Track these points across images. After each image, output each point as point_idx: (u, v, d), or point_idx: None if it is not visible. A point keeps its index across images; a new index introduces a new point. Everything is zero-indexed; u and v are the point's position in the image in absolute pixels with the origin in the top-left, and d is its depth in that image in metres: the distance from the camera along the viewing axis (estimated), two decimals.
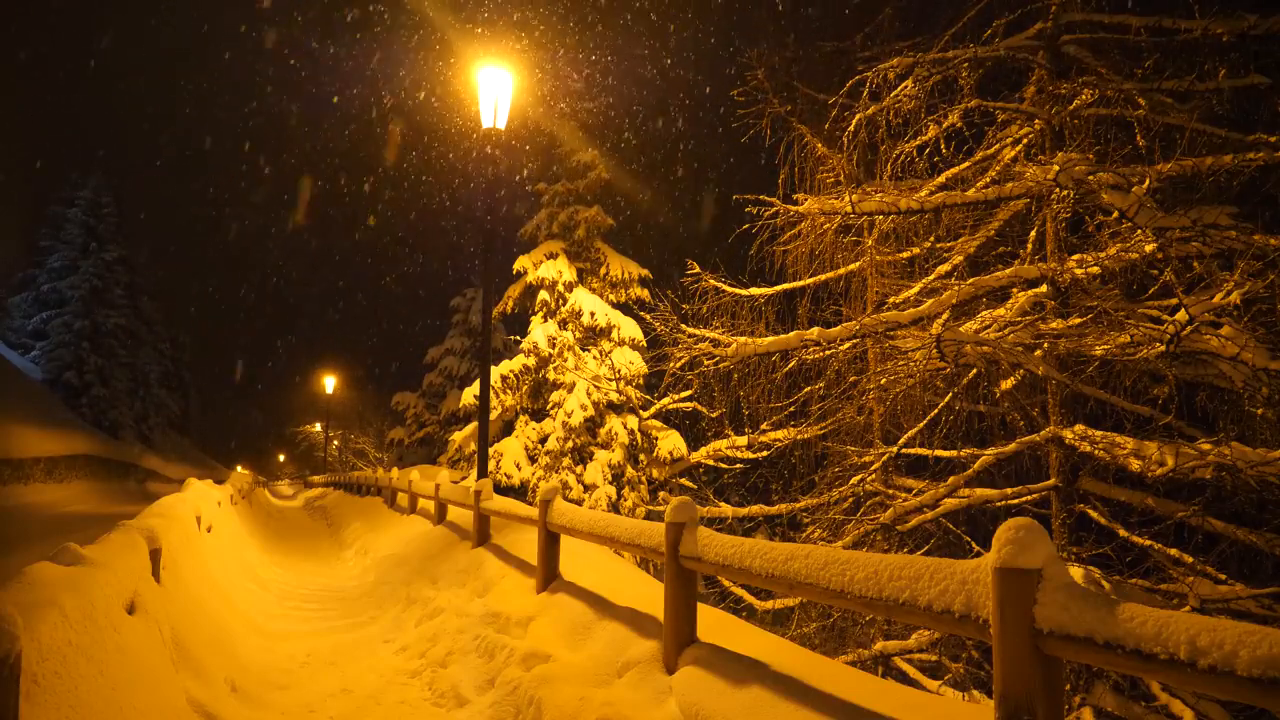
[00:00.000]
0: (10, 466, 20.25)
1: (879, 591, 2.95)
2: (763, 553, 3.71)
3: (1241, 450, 5.84)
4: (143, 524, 4.85)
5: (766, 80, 10.64)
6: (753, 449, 10.68)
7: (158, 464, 36.06)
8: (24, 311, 37.57)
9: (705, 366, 8.75)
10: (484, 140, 9.67)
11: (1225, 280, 6.03)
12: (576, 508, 6.11)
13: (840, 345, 7.91)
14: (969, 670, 8.33)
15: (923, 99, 8.37)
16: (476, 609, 6.47)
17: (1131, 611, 2.20)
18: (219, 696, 4.61)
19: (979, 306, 7.55)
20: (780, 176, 10.65)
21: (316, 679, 5.70)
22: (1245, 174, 6.68)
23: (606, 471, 14.92)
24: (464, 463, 17.23)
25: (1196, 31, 6.97)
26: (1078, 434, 6.98)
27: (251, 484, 24.05)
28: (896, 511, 8.10)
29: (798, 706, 3.38)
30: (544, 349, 15.79)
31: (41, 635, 2.64)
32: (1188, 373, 6.70)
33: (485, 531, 8.68)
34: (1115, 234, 6.66)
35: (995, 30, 8.37)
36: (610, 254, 16.86)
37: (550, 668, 4.77)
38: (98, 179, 38.60)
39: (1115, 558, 7.14)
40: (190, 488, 9.14)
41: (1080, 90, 7.47)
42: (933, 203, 7.49)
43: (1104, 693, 6.84)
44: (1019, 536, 2.48)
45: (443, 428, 28.69)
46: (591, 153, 17.07)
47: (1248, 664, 1.91)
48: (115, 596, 3.59)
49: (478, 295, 28.75)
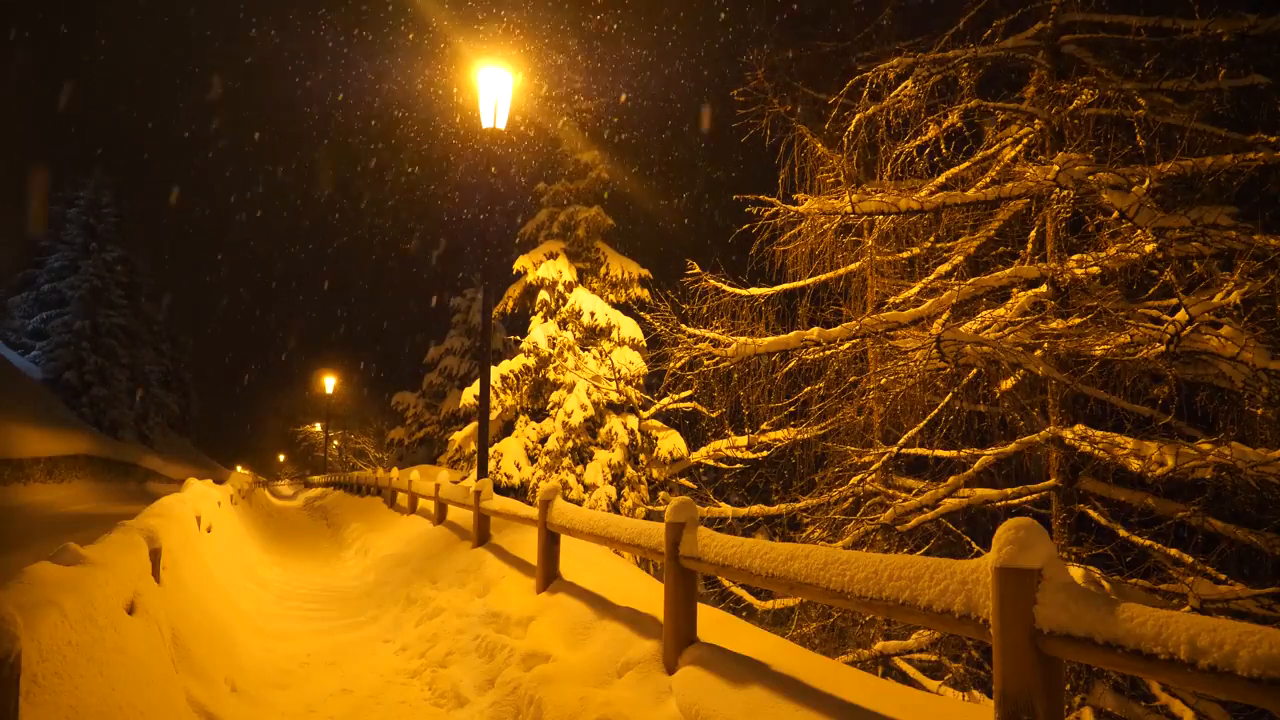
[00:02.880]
0: (10, 466, 20.24)
1: (879, 591, 2.95)
2: (763, 553, 3.71)
3: (1241, 450, 5.84)
4: (143, 524, 4.85)
5: (766, 80, 10.64)
6: (753, 449, 10.68)
7: (158, 464, 36.05)
8: (24, 311, 37.57)
9: (705, 366, 8.75)
10: (484, 140, 9.68)
11: (1225, 280, 6.03)
12: (576, 508, 6.11)
13: (840, 345, 7.91)
14: (969, 670, 8.33)
15: (923, 99, 8.37)
16: (476, 609, 6.47)
17: (1131, 611, 2.20)
18: (219, 696, 4.61)
19: (979, 306, 7.55)
20: (780, 176, 10.66)
21: (316, 679, 5.70)
22: (1245, 174, 6.68)
23: (606, 471, 14.92)
24: (464, 463, 17.23)
25: (1196, 31, 6.96)
26: (1078, 434, 6.98)
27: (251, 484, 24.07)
28: (896, 511, 8.10)
29: (798, 706, 3.37)
30: (544, 349, 15.79)
31: (41, 635, 2.63)
32: (1188, 373, 6.70)
33: (485, 531, 8.68)
34: (1115, 234, 6.66)
35: (995, 30, 8.37)
36: (610, 254, 16.86)
37: (550, 668, 4.77)
38: (98, 179, 38.59)
39: (1115, 558, 7.14)
40: (190, 488, 9.15)
41: (1080, 90, 7.47)
42: (933, 203, 7.49)
43: (1104, 693, 6.84)
44: (1019, 536, 2.48)
45: (443, 428, 28.68)
46: (591, 153, 17.06)
47: (1248, 664, 1.91)
48: (115, 596, 3.59)
49: (478, 295, 28.75)
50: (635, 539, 4.98)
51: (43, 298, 36.92)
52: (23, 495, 20.00)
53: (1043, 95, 8.01)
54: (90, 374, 34.53)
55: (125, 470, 31.23)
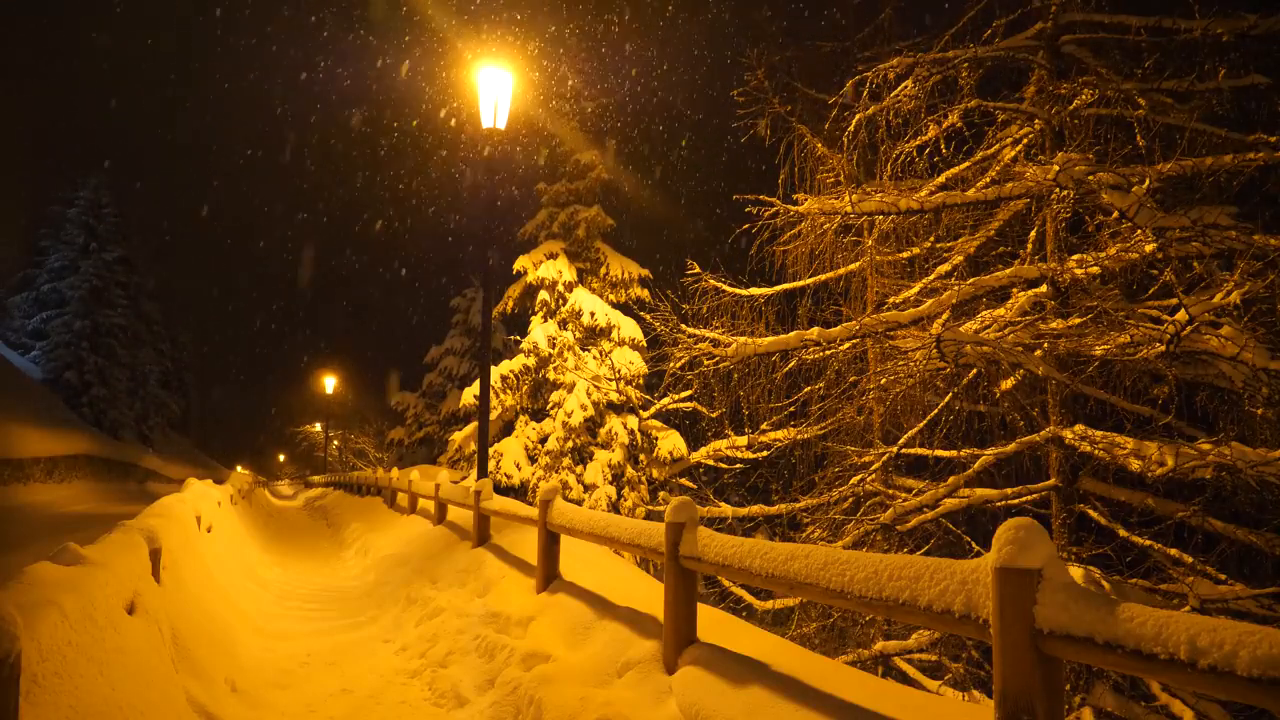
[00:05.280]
0: (10, 466, 20.23)
1: (879, 591, 2.95)
2: (763, 553, 3.71)
3: (1241, 450, 5.83)
4: (143, 524, 4.85)
5: (766, 80, 10.64)
6: (753, 449, 10.68)
7: (158, 464, 36.04)
8: (24, 311, 37.55)
9: (705, 366, 8.75)
10: (484, 140, 9.67)
11: (1225, 280, 6.03)
12: (576, 508, 6.11)
13: (840, 345, 7.91)
14: (969, 670, 8.33)
15: (923, 99, 8.37)
16: (476, 609, 6.47)
17: (1131, 611, 2.20)
18: (219, 696, 4.61)
19: (979, 306, 7.55)
20: (780, 176, 10.66)
21: (316, 679, 5.70)
22: (1245, 174, 6.67)
23: (606, 471, 14.92)
24: (464, 463, 17.23)
25: (1196, 31, 6.96)
26: (1078, 434, 6.98)
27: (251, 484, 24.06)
28: (896, 511, 8.10)
29: (798, 706, 3.37)
30: (544, 349, 15.79)
31: (41, 635, 2.63)
32: (1188, 373, 6.70)
33: (485, 531, 8.68)
34: (1115, 234, 6.66)
35: (995, 30, 8.37)
36: (610, 254, 16.86)
37: (550, 668, 4.77)
38: (98, 179, 38.58)
39: (1115, 558, 7.14)
40: (190, 488, 9.14)
41: (1080, 90, 7.47)
42: (933, 203, 7.49)
43: (1104, 693, 6.84)
44: (1019, 536, 2.48)
45: (443, 428, 28.67)
46: (591, 153, 17.07)
47: (1248, 664, 1.91)
48: (115, 596, 3.59)
49: (478, 295, 28.74)
50: (635, 539, 4.98)
51: (42, 298, 36.90)
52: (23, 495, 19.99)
53: (1043, 95, 8.00)
54: (90, 374, 34.51)
55: (125, 470, 31.23)
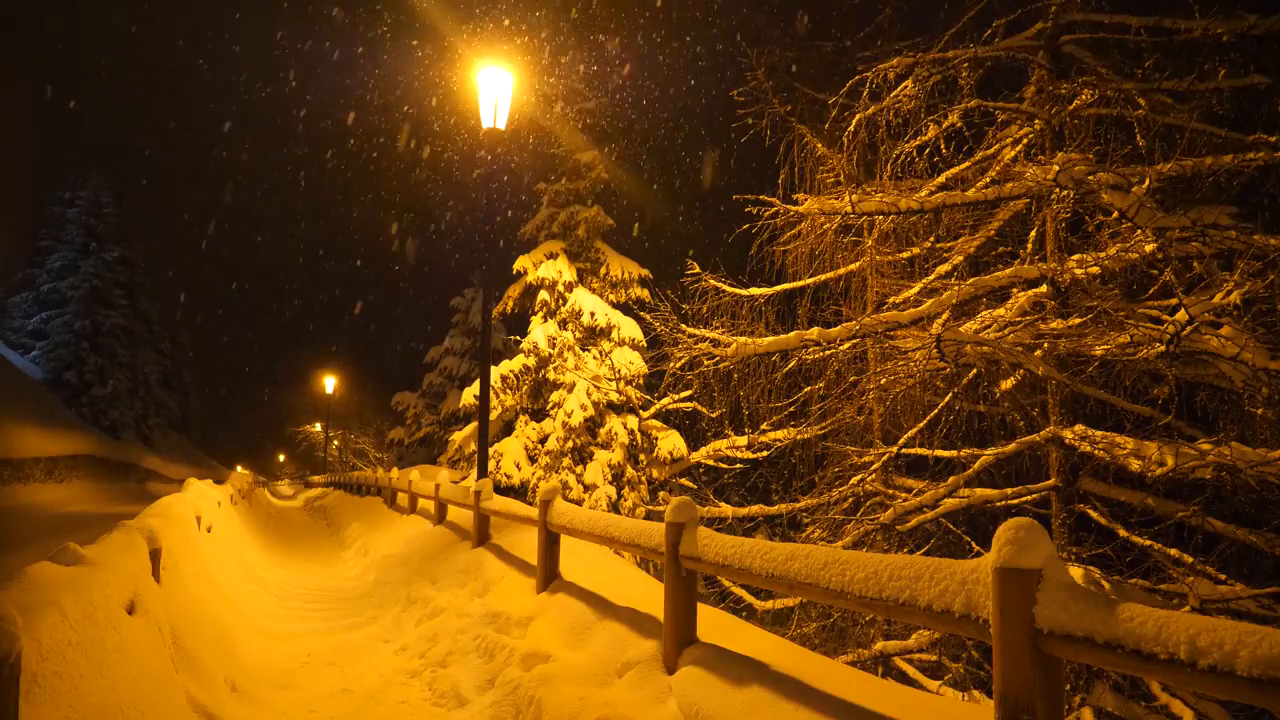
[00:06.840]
0: (10, 466, 20.24)
1: (879, 591, 2.95)
2: (763, 553, 3.71)
3: (1241, 450, 5.83)
4: (143, 524, 4.85)
5: (766, 80, 10.63)
6: (753, 449, 10.68)
7: (158, 464, 36.06)
8: (24, 311, 37.53)
9: (705, 366, 8.75)
10: (484, 140, 9.68)
11: (1225, 280, 6.03)
12: (576, 508, 6.11)
13: (840, 345, 7.91)
14: (969, 670, 8.33)
15: (923, 99, 8.37)
16: (476, 609, 6.47)
17: (1131, 611, 2.20)
18: (219, 696, 4.61)
19: (979, 306, 7.55)
20: (780, 176, 10.65)
21: (316, 679, 5.70)
22: (1245, 174, 6.68)
23: (606, 471, 14.92)
24: (464, 463, 17.23)
25: (1196, 31, 6.97)
26: (1078, 434, 6.98)
27: (251, 484, 24.05)
28: (896, 511, 8.09)
29: (798, 706, 3.38)
30: (544, 349, 15.79)
31: (41, 635, 2.63)
32: (1188, 373, 6.70)
33: (485, 531, 8.68)
34: (1115, 234, 6.66)
35: (995, 30, 8.36)
36: (610, 254, 16.86)
37: (550, 668, 4.77)
38: (98, 179, 38.57)
39: (1115, 558, 7.13)
40: (190, 488, 9.14)
41: (1080, 90, 7.47)
42: (933, 203, 7.49)
43: (1104, 693, 6.84)
44: (1019, 536, 2.48)
45: (443, 428, 28.68)
46: (591, 153, 17.05)
47: (1248, 664, 1.91)
48: (115, 596, 3.59)
49: (478, 295, 28.74)
50: (635, 539, 4.98)
51: (42, 298, 36.89)
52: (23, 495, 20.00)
53: (1043, 95, 8.01)
54: (90, 374, 34.50)
55: (125, 470, 31.25)
